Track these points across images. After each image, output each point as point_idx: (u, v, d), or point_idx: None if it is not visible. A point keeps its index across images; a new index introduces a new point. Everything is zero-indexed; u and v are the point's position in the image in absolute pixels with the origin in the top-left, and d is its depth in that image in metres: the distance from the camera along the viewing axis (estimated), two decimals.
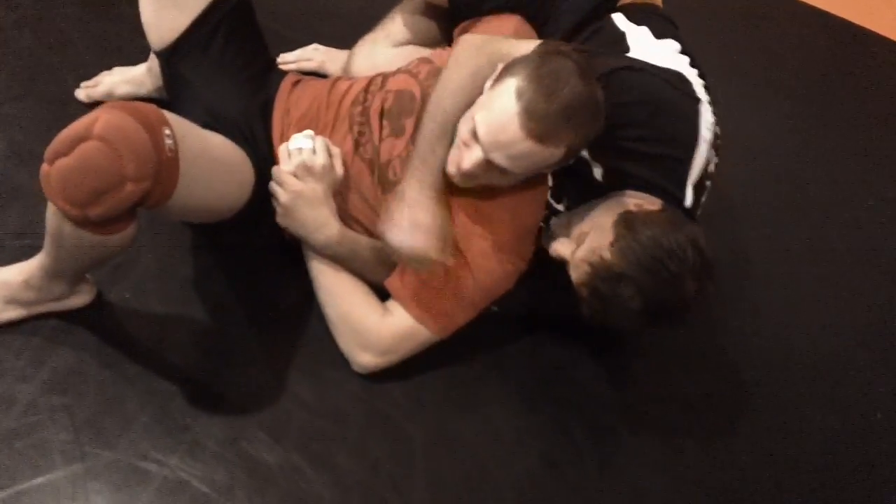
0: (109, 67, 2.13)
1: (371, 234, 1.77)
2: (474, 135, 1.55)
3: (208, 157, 1.60)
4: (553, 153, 1.52)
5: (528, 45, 1.69)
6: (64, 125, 1.99)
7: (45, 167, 1.38)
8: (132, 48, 1.81)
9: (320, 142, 1.72)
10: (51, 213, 1.47)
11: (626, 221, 1.51)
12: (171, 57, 1.80)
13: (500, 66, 1.60)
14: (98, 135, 1.34)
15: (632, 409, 1.84)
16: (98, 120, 1.36)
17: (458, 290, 1.70)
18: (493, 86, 1.58)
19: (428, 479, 1.65)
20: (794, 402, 1.92)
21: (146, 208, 1.44)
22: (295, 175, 1.69)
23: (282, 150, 1.73)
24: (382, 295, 1.75)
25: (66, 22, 2.28)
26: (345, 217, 1.77)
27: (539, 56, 1.52)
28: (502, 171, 1.56)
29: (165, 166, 1.41)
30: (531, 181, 1.67)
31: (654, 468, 1.75)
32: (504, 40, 1.74)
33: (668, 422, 1.84)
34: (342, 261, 1.73)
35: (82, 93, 2.09)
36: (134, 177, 1.36)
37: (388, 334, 1.70)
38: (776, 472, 1.79)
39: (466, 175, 1.61)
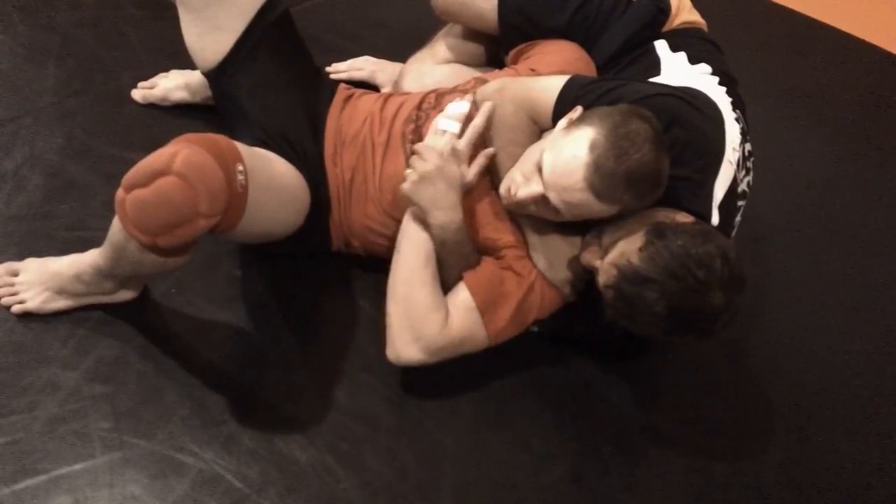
0: (166, 69, 2.18)
1: None
2: (538, 169, 1.57)
3: (273, 189, 1.63)
4: (606, 209, 1.56)
5: (546, 81, 1.73)
6: (119, 123, 2.09)
7: (120, 193, 1.40)
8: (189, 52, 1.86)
9: (472, 128, 1.70)
10: (117, 229, 1.51)
11: (657, 230, 1.53)
12: (219, 77, 1.83)
13: (580, 109, 1.63)
14: (177, 171, 1.37)
15: (660, 430, 1.84)
16: (177, 155, 1.38)
17: (517, 302, 1.71)
18: (568, 128, 1.60)
19: (455, 487, 1.66)
20: (823, 431, 1.91)
21: (208, 234, 1.48)
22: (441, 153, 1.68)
23: (437, 118, 1.74)
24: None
25: (126, 23, 2.34)
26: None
27: (621, 114, 1.55)
28: (554, 209, 1.58)
29: (235, 200, 1.45)
30: None
31: (680, 490, 1.75)
32: (518, 80, 1.79)
33: (695, 445, 1.84)
34: (446, 247, 1.69)
35: (138, 94, 2.14)
36: (207, 213, 1.40)
37: (445, 338, 1.67)
38: (802, 500, 1.78)
39: (518, 203, 1.63)
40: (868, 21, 3.09)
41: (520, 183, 1.62)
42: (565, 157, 1.54)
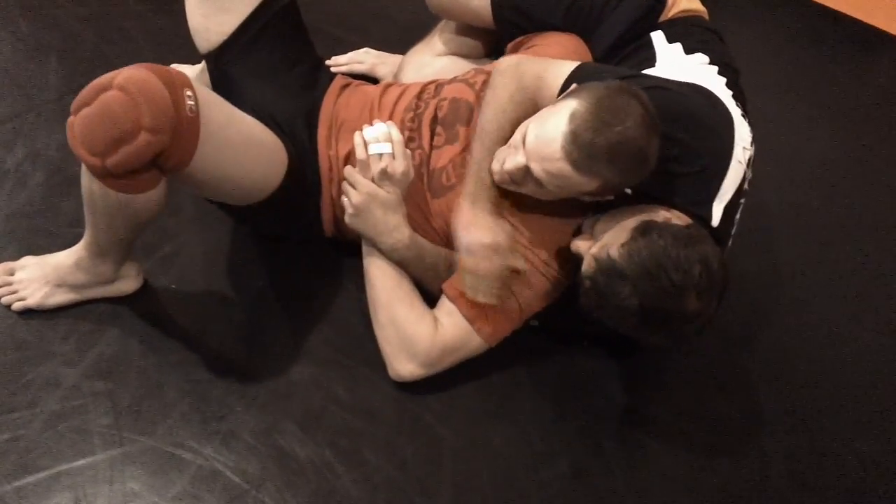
0: (167, 64, 2.18)
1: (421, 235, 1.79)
2: (524, 140, 1.57)
3: (235, 129, 1.61)
4: (586, 182, 1.54)
5: (560, 65, 1.72)
6: None
7: (70, 118, 1.43)
8: (191, 45, 1.86)
9: (399, 145, 1.72)
10: (83, 178, 1.53)
11: (644, 227, 1.52)
12: (219, 59, 1.83)
13: (574, 86, 1.62)
14: (118, 84, 1.39)
15: (663, 425, 1.84)
16: (121, 73, 1.41)
17: (509, 299, 1.71)
18: (557, 101, 1.60)
19: (455, 481, 1.66)
20: (829, 425, 1.89)
21: (168, 172, 1.47)
22: (372, 178, 1.71)
23: (358, 145, 1.71)
24: (433, 304, 1.76)
25: (128, 18, 2.34)
26: None
27: (609, 88, 1.53)
28: (538, 183, 1.58)
29: (185, 125, 1.44)
30: (573, 202, 1.67)
31: (682, 485, 1.74)
32: (536, 59, 1.78)
33: (698, 440, 1.83)
34: (405, 264, 1.74)
35: None
36: (150, 127, 1.39)
37: (438, 347, 1.70)
38: (807, 497, 1.77)
39: (506, 176, 1.63)
40: (877, 7, 3.05)
41: (509, 154, 1.62)
42: (546, 128, 1.54)
